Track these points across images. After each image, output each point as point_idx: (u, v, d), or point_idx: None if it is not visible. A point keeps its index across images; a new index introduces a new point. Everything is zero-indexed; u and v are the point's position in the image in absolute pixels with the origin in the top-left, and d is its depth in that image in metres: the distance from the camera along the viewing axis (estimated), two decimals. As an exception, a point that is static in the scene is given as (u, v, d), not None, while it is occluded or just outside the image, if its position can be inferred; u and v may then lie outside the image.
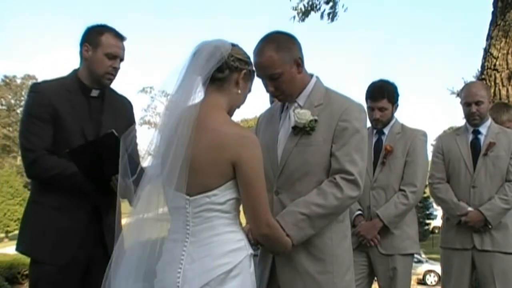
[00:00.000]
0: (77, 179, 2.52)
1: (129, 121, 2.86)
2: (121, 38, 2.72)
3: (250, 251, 1.96)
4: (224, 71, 1.94)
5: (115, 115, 2.75)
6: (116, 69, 2.70)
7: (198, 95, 1.94)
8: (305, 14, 9.05)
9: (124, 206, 2.69)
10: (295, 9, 9.07)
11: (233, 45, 1.99)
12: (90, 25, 2.72)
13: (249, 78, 2.05)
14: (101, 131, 2.64)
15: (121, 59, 2.72)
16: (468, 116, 3.64)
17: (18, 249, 2.68)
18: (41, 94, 2.62)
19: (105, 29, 2.69)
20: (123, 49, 2.72)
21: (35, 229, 2.61)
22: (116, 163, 2.43)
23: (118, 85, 2.87)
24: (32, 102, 2.64)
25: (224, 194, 1.89)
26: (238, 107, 2.06)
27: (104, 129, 2.65)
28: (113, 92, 2.83)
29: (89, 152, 2.47)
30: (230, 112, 2.02)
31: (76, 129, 2.61)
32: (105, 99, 2.75)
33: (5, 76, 55.03)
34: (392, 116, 3.46)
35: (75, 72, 2.73)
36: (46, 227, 2.57)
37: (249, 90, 2.09)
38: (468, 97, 3.63)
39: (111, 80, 2.72)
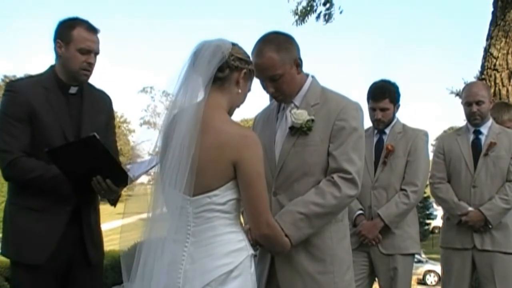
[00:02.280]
0: (57, 182, 2.46)
1: (109, 116, 2.81)
2: (94, 31, 2.59)
3: (251, 251, 1.96)
4: (224, 71, 1.94)
5: (94, 111, 2.67)
6: (91, 64, 2.58)
7: (199, 95, 1.93)
8: (303, 16, 9.04)
9: (120, 206, 2.69)
10: (295, 13, 9.07)
11: (233, 44, 1.99)
12: (61, 19, 2.61)
13: (249, 77, 2.05)
14: (81, 129, 2.58)
15: (96, 53, 2.59)
16: (469, 116, 3.63)
17: (2, 252, 2.64)
18: (17, 93, 2.52)
19: (77, 23, 2.56)
20: (97, 42, 2.59)
21: (14, 231, 2.56)
22: (97, 166, 2.42)
23: (118, 84, 2.85)
24: (8, 102, 2.54)
25: (225, 195, 1.89)
26: (238, 106, 2.06)
27: (84, 127, 2.59)
28: (92, 87, 2.74)
29: (69, 152, 2.41)
30: (230, 112, 2.02)
31: (56, 127, 2.53)
32: (83, 95, 2.65)
33: (5, 76, 54.94)
34: (393, 116, 3.46)
35: (51, 68, 2.63)
36: (25, 229, 2.51)
37: (249, 90, 2.09)
38: (469, 97, 3.63)
39: (87, 76, 2.61)
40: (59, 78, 2.60)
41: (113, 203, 2.62)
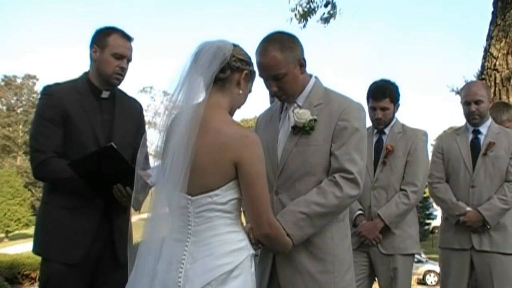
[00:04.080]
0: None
1: (139, 123, 2.89)
2: (128, 38, 2.75)
3: (252, 251, 1.98)
4: (226, 72, 1.96)
5: (125, 117, 2.77)
6: (123, 69, 2.73)
7: (200, 96, 1.95)
8: (303, 17, 9.03)
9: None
10: (293, 11, 9.06)
11: (235, 45, 2.00)
12: (99, 28, 2.77)
13: (250, 79, 2.06)
14: (113, 133, 2.68)
15: (129, 60, 2.75)
16: (468, 115, 3.63)
17: (34, 250, 2.72)
18: (52, 96, 2.65)
19: (113, 30, 2.73)
20: (130, 49, 2.76)
21: (47, 229, 2.65)
22: (117, 174, 2.49)
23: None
24: (43, 104, 2.67)
25: (226, 194, 1.90)
26: (239, 107, 2.08)
27: (115, 131, 2.69)
28: (123, 94, 2.86)
29: (89, 163, 2.49)
30: (231, 112, 2.04)
31: (88, 130, 2.63)
32: (115, 100, 2.77)
33: (5, 76, 55.03)
34: (393, 116, 3.46)
35: (85, 74, 2.76)
36: (58, 227, 2.60)
37: (250, 91, 2.11)
38: (468, 96, 3.63)
39: (119, 80, 2.74)
40: (92, 83, 2.72)
41: (137, 208, 2.66)
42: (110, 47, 2.68)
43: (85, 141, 2.61)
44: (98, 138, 2.64)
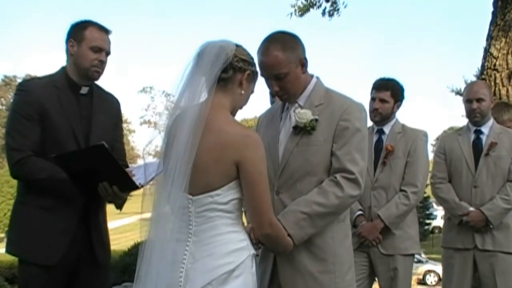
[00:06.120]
0: (65, 185, 2.46)
1: (117, 118, 2.85)
2: (105, 31, 2.67)
3: (253, 251, 1.98)
4: (228, 72, 1.96)
5: (104, 112, 2.71)
6: (102, 62, 2.64)
7: (202, 95, 1.94)
8: (303, 10, 9.06)
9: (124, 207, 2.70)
10: (293, 6, 9.09)
11: (237, 45, 2.01)
12: (74, 22, 2.69)
13: (252, 79, 2.07)
14: (91, 129, 2.61)
15: (107, 53, 2.67)
16: (469, 113, 3.64)
17: (7, 250, 2.63)
18: (29, 92, 2.56)
19: (89, 24, 2.65)
20: (108, 42, 2.67)
21: (24, 230, 2.56)
22: (104, 172, 2.42)
23: (118, 84, 2.86)
24: (19, 100, 2.58)
25: (227, 194, 1.90)
26: (241, 107, 2.08)
27: (94, 127, 2.62)
28: (101, 89, 2.79)
29: (76, 159, 2.42)
30: (233, 113, 2.04)
31: (66, 127, 2.55)
32: (93, 96, 2.70)
33: (5, 76, 55.10)
34: (392, 115, 3.46)
35: (63, 69, 2.68)
36: (35, 228, 2.52)
37: (252, 91, 2.11)
38: (469, 94, 3.64)
39: (98, 74, 2.66)
40: (70, 78, 2.64)
41: (119, 207, 2.64)
42: (87, 40, 2.59)
43: (63, 137, 2.53)
44: (76, 134, 2.56)
